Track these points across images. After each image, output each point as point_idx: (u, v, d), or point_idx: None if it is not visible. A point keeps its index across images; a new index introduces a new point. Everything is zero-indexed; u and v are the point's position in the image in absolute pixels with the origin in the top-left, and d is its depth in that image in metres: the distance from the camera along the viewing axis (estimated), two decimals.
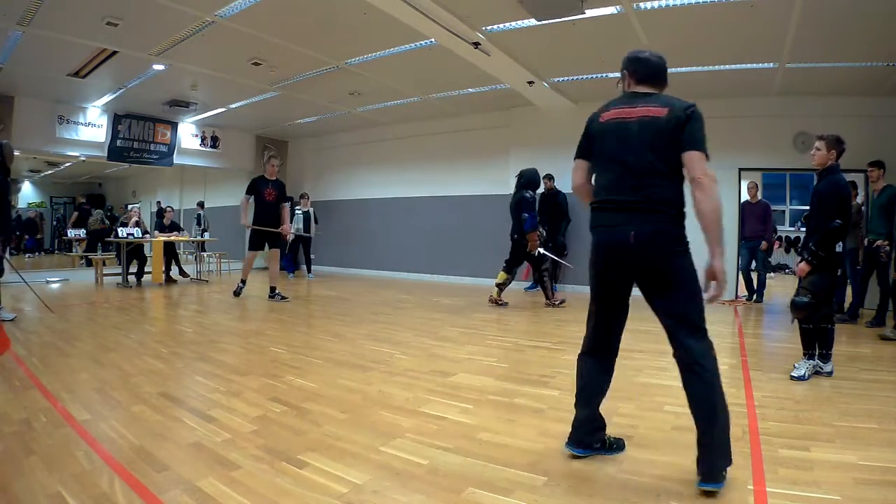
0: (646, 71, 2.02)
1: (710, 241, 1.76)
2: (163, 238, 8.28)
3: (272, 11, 4.89)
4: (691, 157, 1.79)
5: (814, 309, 3.22)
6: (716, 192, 1.75)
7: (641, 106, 1.91)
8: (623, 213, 1.86)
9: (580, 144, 2.09)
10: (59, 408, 2.56)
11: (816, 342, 3.32)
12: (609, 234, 1.90)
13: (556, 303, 6.23)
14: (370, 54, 6.09)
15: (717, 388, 1.79)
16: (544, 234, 7.68)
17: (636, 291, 1.98)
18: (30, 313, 5.43)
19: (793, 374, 3.27)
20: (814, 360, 3.32)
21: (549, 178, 7.69)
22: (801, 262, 3.31)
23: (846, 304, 5.63)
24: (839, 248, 3.22)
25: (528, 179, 6.08)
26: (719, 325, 5.33)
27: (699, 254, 1.82)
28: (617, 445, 2.14)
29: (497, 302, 6.24)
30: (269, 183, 6.49)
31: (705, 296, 1.82)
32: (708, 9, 4.51)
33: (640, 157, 1.84)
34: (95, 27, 5.18)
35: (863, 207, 5.90)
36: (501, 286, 6.25)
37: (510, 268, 6.17)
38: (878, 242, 4.97)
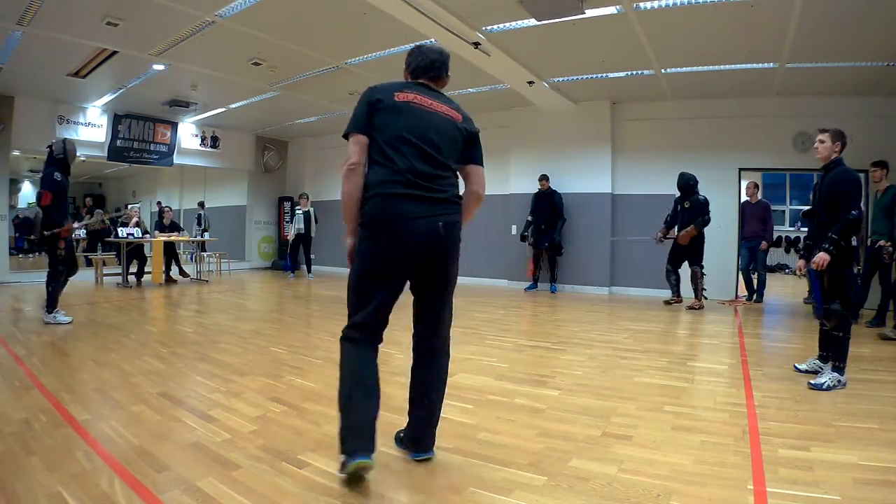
0: (432, 68, 2.00)
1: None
2: (163, 238, 8.28)
3: (272, 11, 4.89)
4: (480, 173, 2.00)
5: (845, 317, 3.08)
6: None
7: (440, 102, 1.92)
8: (434, 204, 1.81)
9: (360, 115, 1.85)
10: (59, 408, 2.56)
11: (827, 346, 3.22)
12: (419, 225, 1.79)
13: (698, 307, 6.23)
14: (370, 54, 6.09)
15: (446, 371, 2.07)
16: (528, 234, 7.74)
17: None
18: (30, 313, 5.43)
19: (812, 381, 3.08)
20: (841, 373, 3.07)
21: (545, 177, 7.71)
22: (804, 252, 3.22)
23: None
24: (854, 241, 3.12)
25: (695, 181, 6.22)
26: (719, 325, 5.34)
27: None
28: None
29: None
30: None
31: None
32: (708, 9, 4.51)
33: (441, 151, 1.85)
34: (95, 27, 5.18)
35: (862, 207, 5.90)
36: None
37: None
38: (881, 243, 4.96)
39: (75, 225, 7.79)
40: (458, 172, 1.98)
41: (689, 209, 6.13)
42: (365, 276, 1.85)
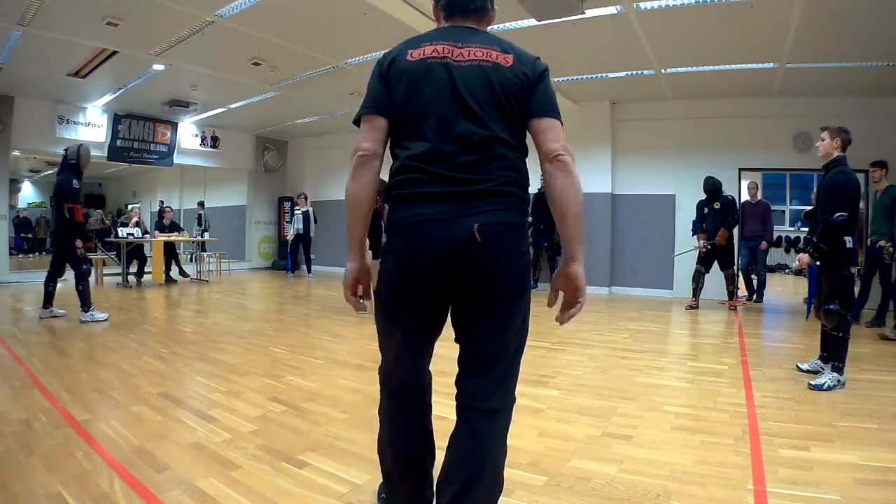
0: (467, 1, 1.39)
1: (573, 239, 1.30)
2: (163, 238, 8.28)
3: (272, 11, 4.89)
4: (552, 127, 1.31)
5: (845, 317, 3.07)
6: (578, 176, 1.29)
7: (476, 45, 1.31)
8: (467, 200, 1.25)
9: (373, 90, 1.34)
10: (59, 408, 2.56)
11: (828, 346, 3.20)
12: (439, 232, 1.25)
13: (733, 306, 6.27)
14: (370, 54, 6.08)
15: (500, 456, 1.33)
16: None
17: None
18: (29, 313, 5.43)
19: (812, 382, 3.06)
20: (841, 373, 3.08)
21: None
22: (802, 252, 3.21)
23: None
24: (849, 243, 3.07)
25: (721, 183, 6.28)
26: (720, 325, 5.33)
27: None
28: None
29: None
30: None
31: (561, 314, 1.37)
32: (708, 9, 4.51)
33: (479, 118, 1.27)
34: (95, 27, 5.18)
35: (862, 208, 5.89)
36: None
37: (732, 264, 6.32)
38: (882, 244, 4.95)
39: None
40: (520, 142, 1.36)
41: (720, 210, 6.16)
42: (381, 311, 1.39)
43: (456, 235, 1.23)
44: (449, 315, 1.36)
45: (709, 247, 6.19)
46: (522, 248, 1.32)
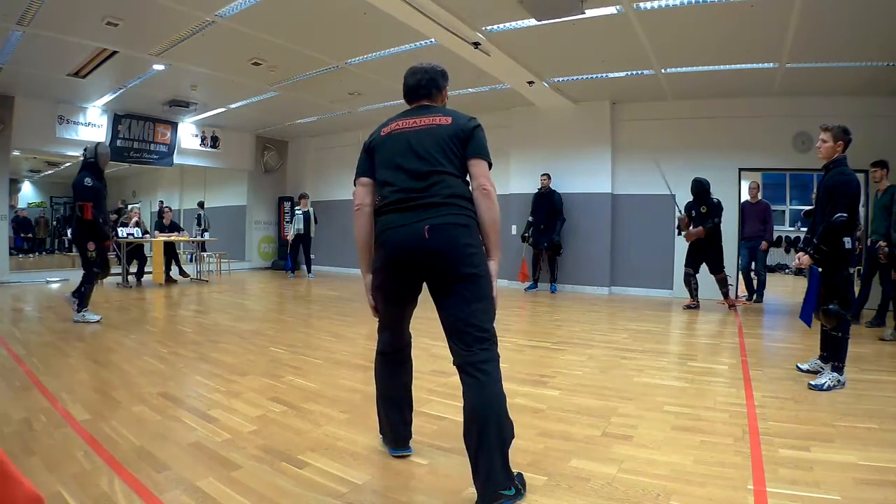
0: (415, 90, 1.99)
1: (491, 245, 1.82)
2: (163, 238, 8.28)
3: (272, 11, 4.89)
4: (479, 165, 1.84)
5: (844, 317, 3.06)
6: (496, 202, 1.82)
7: (426, 116, 1.91)
8: (422, 210, 1.77)
9: (360, 161, 1.98)
10: (59, 408, 2.56)
11: (827, 346, 3.20)
12: (401, 233, 1.79)
13: (730, 305, 6.29)
14: (370, 54, 6.09)
15: (499, 398, 1.73)
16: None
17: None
18: (30, 313, 5.43)
19: (812, 382, 3.07)
20: (841, 373, 3.08)
21: (546, 176, 7.72)
22: (802, 252, 3.20)
23: None
24: (847, 244, 3.07)
25: (709, 185, 6.27)
26: (719, 325, 5.33)
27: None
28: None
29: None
30: None
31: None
32: (708, 9, 4.51)
33: (428, 160, 1.81)
34: (95, 27, 5.18)
35: (861, 208, 5.88)
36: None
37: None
38: (880, 244, 4.95)
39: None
40: (461, 172, 1.87)
41: (706, 213, 6.14)
42: (375, 288, 1.95)
43: (414, 233, 1.76)
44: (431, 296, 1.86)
45: (688, 225, 6.18)
46: (465, 240, 1.77)
